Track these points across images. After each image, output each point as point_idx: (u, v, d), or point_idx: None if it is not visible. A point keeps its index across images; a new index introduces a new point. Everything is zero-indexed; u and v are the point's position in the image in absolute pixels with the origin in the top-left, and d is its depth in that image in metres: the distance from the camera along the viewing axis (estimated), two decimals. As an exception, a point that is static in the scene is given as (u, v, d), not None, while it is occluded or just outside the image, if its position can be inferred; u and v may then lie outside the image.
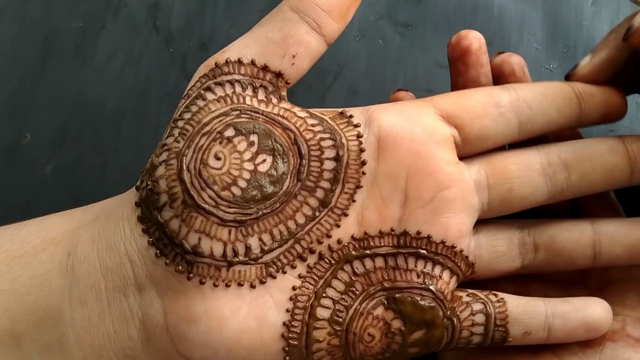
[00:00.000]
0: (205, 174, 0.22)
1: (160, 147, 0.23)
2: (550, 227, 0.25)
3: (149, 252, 0.22)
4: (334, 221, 0.24)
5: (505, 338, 0.24)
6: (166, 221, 0.22)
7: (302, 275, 0.23)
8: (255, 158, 0.23)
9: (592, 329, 0.24)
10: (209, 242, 0.22)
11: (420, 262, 0.24)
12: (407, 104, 0.25)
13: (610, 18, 0.36)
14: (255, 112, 0.23)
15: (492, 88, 0.25)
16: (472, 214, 0.24)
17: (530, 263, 0.25)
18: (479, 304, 0.24)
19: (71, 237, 0.23)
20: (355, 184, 0.24)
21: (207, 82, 0.23)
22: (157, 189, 0.22)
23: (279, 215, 0.23)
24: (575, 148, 0.25)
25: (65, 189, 0.32)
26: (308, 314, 0.23)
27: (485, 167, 0.25)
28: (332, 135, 0.23)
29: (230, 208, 0.22)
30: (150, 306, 0.22)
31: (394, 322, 0.23)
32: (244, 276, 0.23)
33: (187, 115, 0.23)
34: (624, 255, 0.25)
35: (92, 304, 0.22)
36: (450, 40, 0.26)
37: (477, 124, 0.24)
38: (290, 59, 0.23)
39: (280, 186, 0.23)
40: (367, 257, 0.24)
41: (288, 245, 0.23)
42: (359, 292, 0.24)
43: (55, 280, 0.23)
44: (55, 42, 0.35)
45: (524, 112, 0.24)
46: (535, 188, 0.24)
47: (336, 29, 0.24)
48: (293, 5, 0.23)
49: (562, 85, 0.25)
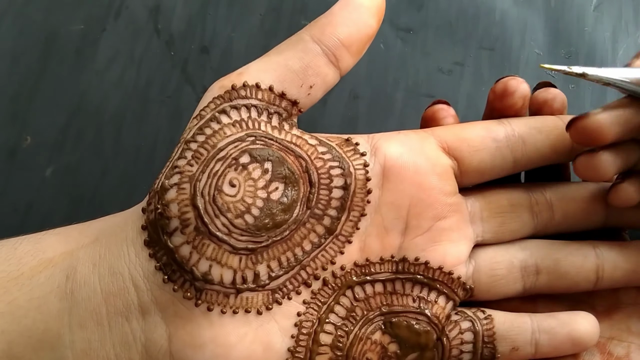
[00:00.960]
0: (219, 200, 0.22)
1: (171, 169, 0.23)
2: (553, 251, 0.26)
3: (155, 278, 0.22)
4: (338, 248, 0.24)
5: (494, 355, 0.24)
6: (176, 247, 0.22)
7: (306, 301, 0.24)
8: (269, 186, 0.23)
9: (578, 343, 0.24)
10: (220, 269, 0.22)
11: (417, 287, 0.25)
12: (410, 134, 0.25)
13: (612, 24, 0.36)
14: (269, 139, 0.23)
15: (489, 122, 0.26)
16: (468, 243, 0.25)
17: (532, 286, 0.26)
18: (467, 322, 0.25)
19: (69, 259, 0.23)
20: (360, 212, 0.24)
21: (222, 104, 0.23)
22: (168, 213, 0.22)
23: (287, 242, 0.23)
24: (560, 190, 0.26)
25: (65, 192, 0.32)
26: (312, 339, 0.23)
27: (480, 200, 0.26)
28: (341, 164, 0.24)
29: (242, 236, 0.22)
30: (154, 331, 0.22)
31: (390, 346, 0.24)
32: (251, 303, 0.23)
33: (201, 138, 0.23)
34: (623, 280, 0.25)
35: (92, 328, 0.22)
36: (496, 87, 0.26)
37: (475, 158, 0.25)
38: (308, 89, 0.24)
39: (290, 214, 0.23)
40: (368, 283, 0.24)
41: (294, 271, 0.23)
42: (359, 318, 0.24)
43: (53, 304, 0.22)
44: (56, 44, 0.35)
45: (519, 148, 0.25)
46: (524, 223, 0.26)
47: (351, 64, 0.24)
48: (315, 36, 0.24)
49: (556, 121, 0.26)
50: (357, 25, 0.24)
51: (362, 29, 0.24)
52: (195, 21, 0.36)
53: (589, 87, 0.35)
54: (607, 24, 0.36)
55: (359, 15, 0.24)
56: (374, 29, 0.24)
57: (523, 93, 0.25)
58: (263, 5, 0.36)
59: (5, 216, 0.32)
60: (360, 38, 0.24)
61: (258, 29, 0.36)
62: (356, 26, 0.24)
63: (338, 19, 0.24)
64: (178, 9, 0.36)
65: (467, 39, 0.36)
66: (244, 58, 0.35)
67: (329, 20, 0.24)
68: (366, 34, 0.24)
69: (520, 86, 0.25)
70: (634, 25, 0.36)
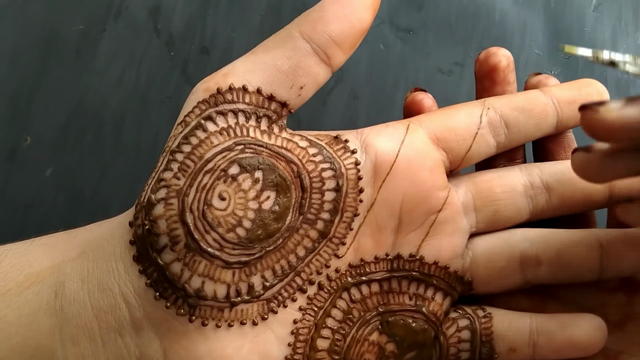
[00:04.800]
0: (209, 215, 0.21)
1: (157, 182, 0.21)
2: (555, 240, 0.24)
3: (147, 294, 0.21)
4: (332, 251, 0.23)
5: (491, 354, 0.24)
6: (167, 264, 0.21)
7: (302, 308, 0.23)
8: (260, 196, 0.22)
9: (578, 348, 0.23)
10: (213, 285, 0.21)
11: (413, 284, 0.24)
12: (399, 126, 0.24)
13: (612, 24, 0.36)
14: (259, 146, 0.22)
15: (472, 106, 0.25)
16: (463, 235, 0.24)
17: (533, 278, 0.25)
18: (465, 320, 0.24)
19: (56, 274, 0.22)
20: (353, 212, 0.23)
21: (208, 109, 0.22)
22: (156, 229, 0.21)
23: (281, 250, 0.22)
24: (556, 171, 0.25)
25: (65, 192, 0.32)
26: (309, 346, 0.23)
27: (472, 189, 0.25)
28: (332, 165, 0.23)
29: (234, 250, 0.21)
30: (148, 346, 0.21)
31: (387, 346, 0.23)
32: (246, 314, 0.22)
33: (187, 148, 0.22)
34: (630, 269, 0.24)
35: (85, 344, 0.21)
36: (479, 56, 0.26)
37: (462, 146, 0.24)
38: (298, 90, 0.23)
39: (283, 222, 0.22)
40: (364, 284, 0.24)
41: (289, 279, 0.23)
42: (356, 319, 0.24)
43: (44, 321, 0.21)
44: (56, 45, 0.35)
45: (501, 132, 0.25)
46: (519, 209, 0.25)
47: (343, 61, 0.23)
48: (305, 33, 0.22)
49: (539, 97, 0.25)
50: (351, 20, 0.22)
51: (356, 24, 0.22)
52: (195, 21, 0.36)
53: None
54: (607, 24, 0.36)
55: (352, 10, 0.22)
56: (368, 22, 0.23)
57: (505, 53, 0.25)
58: (263, 5, 0.36)
59: (5, 216, 0.32)
60: (353, 34, 0.23)
61: (258, 29, 0.36)
62: (349, 22, 0.22)
63: (330, 15, 0.22)
64: (178, 9, 0.36)
65: (467, 39, 0.36)
66: (244, 58, 0.35)
67: (320, 16, 0.22)
68: (360, 29, 0.23)
69: (500, 49, 0.25)
70: (633, 25, 0.36)
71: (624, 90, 0.34)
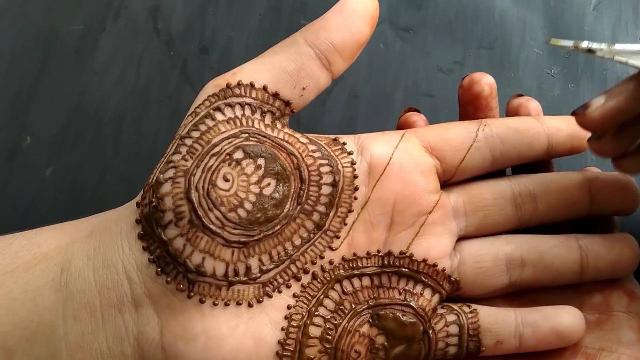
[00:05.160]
0: (213, 194, 0.22)
1: (165, 164, 0.23)
2: (538, 244, 0.26)
3: (149, 270, 0.22)
4: (326, 243, 0.25)
5: (479, 347, 0.25)
6: (170, 239, 0.22)
7: (296, 295, 0.24)
8: (261, 181, 0.23)
9: (562, 336, 0.25)
10: (213, 262, 0.22)
11: (403, 280, 0.25)
12: (395, 134, 0.26)
13: (612, 23, 0.36)
14: (262, 136, 0.24)
15: (469, 123, 0.26)
16: (452, 236, 0.26)
17: (517, 279, 0.26)
18: (453, 315, 0.25)
19: (64, 252, 0.23)
20: (348, 208, 0.25)
21: (217, 102, 0.24)
22: (163, 206, 0.22)
23: (278, 237, 0.23)
24: (542, 181, 0.27)
25: (65, 192, 0.32)
26: (301, 332, 0.24)
27: (463, 195, 0.26)
28: (330, 162, 0.24)
29: (235, 229, 0.23)
30: (146, 323, 0.22)
31: (377, 338, 0.24)
32: (242, 295, 0.23)
33: (196, 134, 0.23)
34: (607, 270, 0.26)
35: (85, 320, 0.22)
36: (462, 82, 0.27)
37: (457, 157, 0.26)
38: (300, 90, 0.24)
39: (282, 209, 0.23)
40: (356, 277, 0.25)
41: (284, 265, 0.24)
42: (347, 311, 0.24)
43: (48, 296, 0.22)
44: (56, 44, 0.35)
45: (497, 147, 0.26)
46: (507, 215, 0.26)
47: (343, 68, 0.25)
48: (309, 39, 0.24)
49: (532, 121, 0.27)
50: (350, 31, 0.24)
51: (355, 35, 0.24)
52: (195, 21, 0.36)
53: (588, 86, 0.35)
54: (607, 23, 0.36)
55: (353, 22, 0.24)
56: (366, 35, 0.25)
57: (488, 81, 0.27)
58: (263, 5, 0.36)
59: (5, 216, 0.32)
60: (352, 44, 0.25)
61: (258, 28, 0.36)
62: (349, 32, 0.24)
63: (332, 25, 0.24)
64: (177, 9, 0.36)
65: (466, 38, 0.36)
66: (243, 58, 0.35)
67: (323, 25, 0.24)
68: (358, 40, 0.25)
69: (483, 76, 0.27)
70: (633, 24, 0.36)
71: (624, 89, 0.34)
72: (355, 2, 0.24)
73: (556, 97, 0.34)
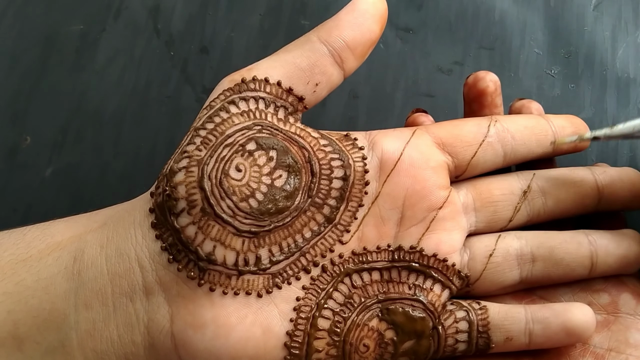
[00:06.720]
0: (226, 184, 0.23)
1: (180, 154, 0.24)
2: (548, 239, 0.26)
3: (161, 258, 0.23)
4: (337, 236, 0.25)
5: (488, 344, 0.25)
6: (182, 227, 0.23)
7: (305, 287, 0.24)
8: (273, 173, 0.23)
9: (572, 333, 0.25)
10: (223, 250, 0.23)
11: (413, 275, 0.25)
12: (406, 131, 0.26)
13: (612, 23, 0.36)
14: (275, 129, 0.24)
15: (480, 119, 0.27)
16: (462, 232, 0.26)
17: (528, 275, 0.26)
18: (462, 312, 0.25)
19: (77, 242, 0.24)
20: (358, 202, 0.25)
21: (232, 95, 0.24)
22: (176, 194, 0.23)
23: (288, 228, 0.24)
24: (550, 176, 0.27)
25: (65, 192, 0.32)
26: (310, 324, 0.24)
27: (472, 191, 0.27)
28: (341, 156, 0.25)
29: (246, 219, 0.23)
30: (157, 311, 0.23)
31: (387, 333, 0.25)
32: (252, 285, 0.23)
33: (210, 126, 0.24)
34: (616, 266, 0.26)
35: (97, 308, 0.23)
36: (467, 80, 0.28)
37: (468, 152, 0.26)
38: (314, 86, 0.25)
39: (292, 201, 0.24)
40: (365, 271, 0.25)
41: (294, 257, 0.24)
42: (356, 304, 0.25)
43: (60, 284, 0.23)
44: (56, 44, 0.35)
45: (509, 142, 0.26)
46: (517, 211, 0.27)
47: (355, 66, 0.26)
48: (322, 37, 0.25)
49: (539, 119, 0.27)
50: (362, 29, 0.25)
51: (366, 34, 0.25)
52: (195, 21, 0.36)
53: (588, 86, 0.35)
54: (607, 23, 0.36)
55: (364, 21, 0.25)
56: (377, 34, 0.25)
57: (493, 78, 0.27)
58: (263, 5, 0.36)
59: (5, 216, 0.32)
60: (364, 42, 0.25)
61: (258, 29, 0.36)
62: (361, 30, 0.25)
63: (344, 23, 0.25)
64: (177, 9, 0.36)
65: (466, 38, 0.36)
66: (243, 58, 0.35)
67: (335, 24, 0.25)
68: (369, 38, 0.25)
69: (487, 73, 0.27)
70: (633, 24, 0.36)
71: (624, 89, 0.34)
72: (366, 2, 0.25)
73: (556, 97, 0.34)
